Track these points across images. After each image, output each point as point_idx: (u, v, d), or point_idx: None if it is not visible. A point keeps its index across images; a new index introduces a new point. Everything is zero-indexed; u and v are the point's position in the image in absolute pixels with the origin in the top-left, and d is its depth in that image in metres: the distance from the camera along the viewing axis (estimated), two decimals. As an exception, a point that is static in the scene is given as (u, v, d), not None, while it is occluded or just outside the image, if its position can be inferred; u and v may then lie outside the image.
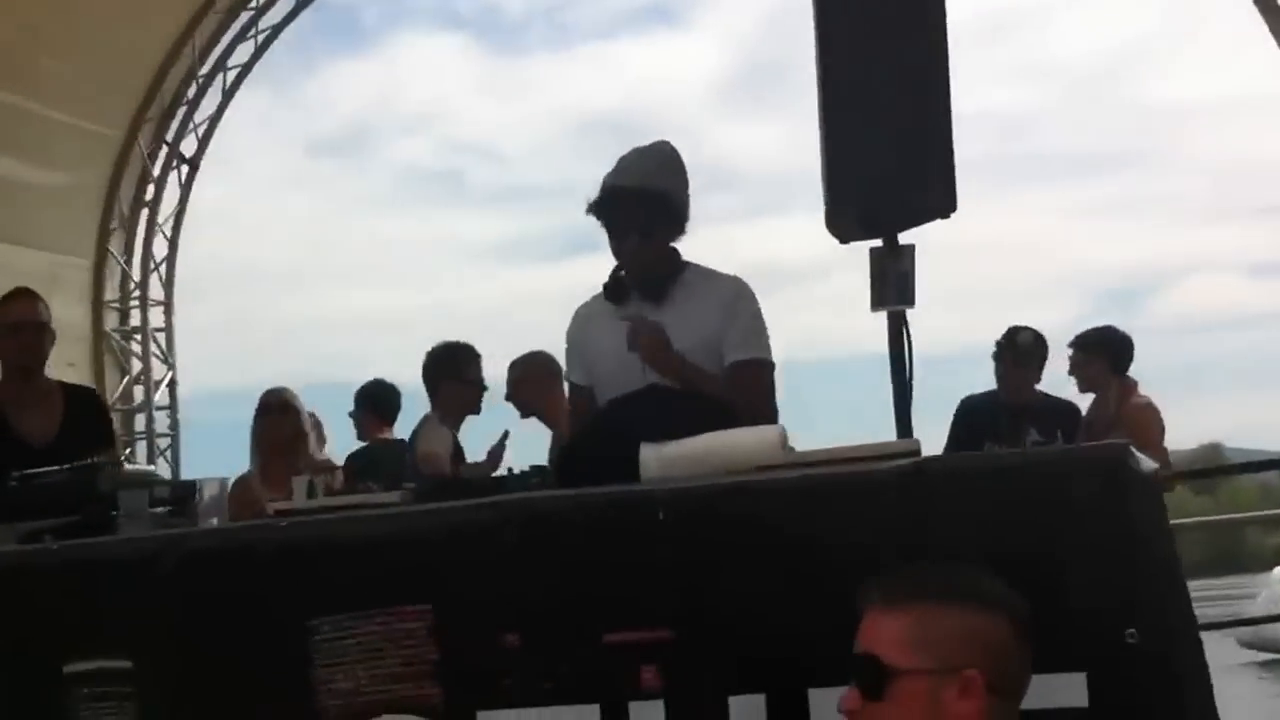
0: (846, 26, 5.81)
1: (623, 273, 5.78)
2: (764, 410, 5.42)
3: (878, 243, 5.88)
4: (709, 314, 5.64)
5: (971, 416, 9.36)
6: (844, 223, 5.90)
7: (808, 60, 5.99)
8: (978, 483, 3.62)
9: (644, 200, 5.64)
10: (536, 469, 4.66)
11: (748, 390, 5.49)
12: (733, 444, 4.08)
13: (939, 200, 5.68)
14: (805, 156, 5.97)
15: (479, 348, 8.88)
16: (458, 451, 8.51)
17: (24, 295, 7.35)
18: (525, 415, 8.56)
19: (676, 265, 5.77)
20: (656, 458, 4.07)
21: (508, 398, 8.62)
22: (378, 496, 4.35)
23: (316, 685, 3.89)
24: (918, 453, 3.92)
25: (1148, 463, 3.54)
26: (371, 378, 9.81)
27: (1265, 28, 17.44)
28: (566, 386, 6.15)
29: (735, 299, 5.70)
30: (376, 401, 9.67)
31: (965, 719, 2.98)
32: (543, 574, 3.80)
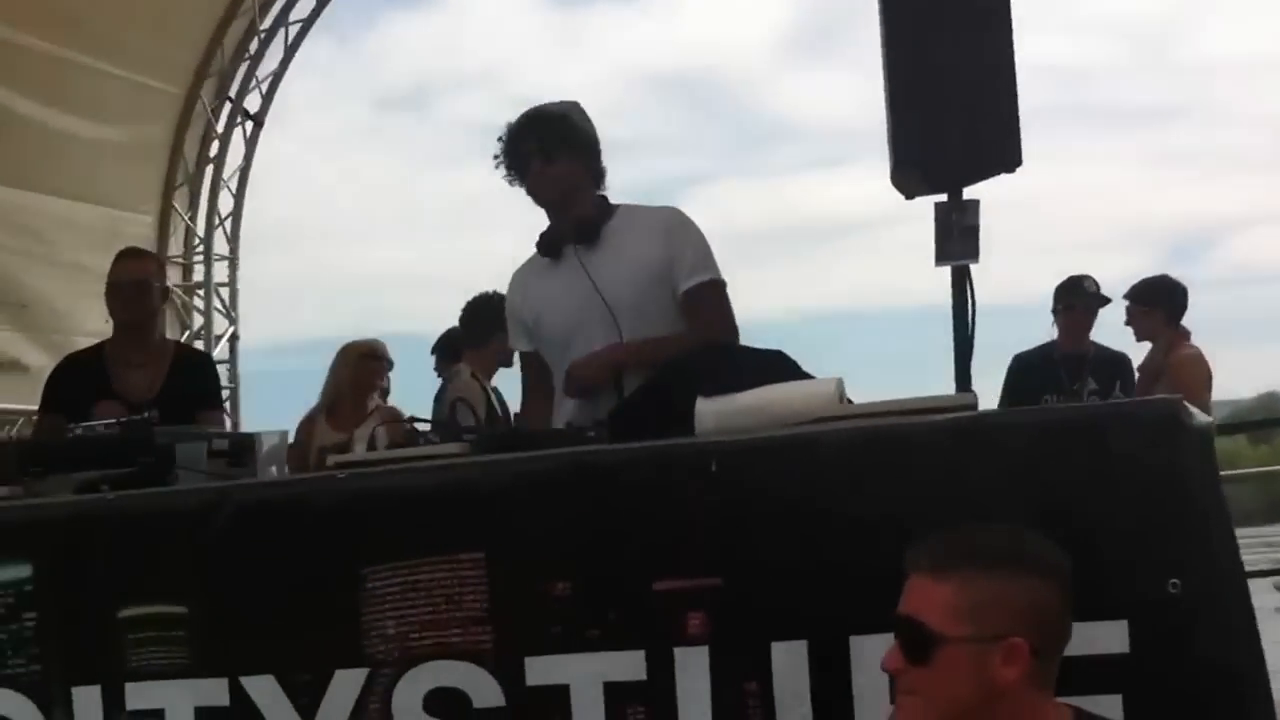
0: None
1: (549, 229, 5.82)
2: (727, 331, 5.54)
3: (942, 197, 5.89)
4: (648, 246, 5.66)
5: (1026, 371, 9.37)
6: (909, 179, 5.93)
7: (873, 11, 6.00)
8: (1028, 436, 3.64)
9: (537, 124, 5.75)
10: (596, 423, 4.70)
11: (708, 313, 5.58)
12: (788, 397, 4.09)
13: (1004, 155, 5.71)
14: (870, 109, 6.01)
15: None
16: (496, 402, 8.54)
17: (133, 254, 7.50)
18: None
19: (607, 210, 5.80)
20: (711, 411, 4.08)
21: None
22: (437, 448, 4.38)
23: (367, 631, 3.96)
24: (972, 407, 3.97)
25: (1201, 416, 3.57)
26: (444, 329, 9.82)
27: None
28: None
29: (673, 227, 5.73)
30: (444, 350, 9.72)
31: (1010, 685, 3.02)
32: (594, 524, 3.87)
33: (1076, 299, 9.33)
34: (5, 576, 4.33)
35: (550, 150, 5.70)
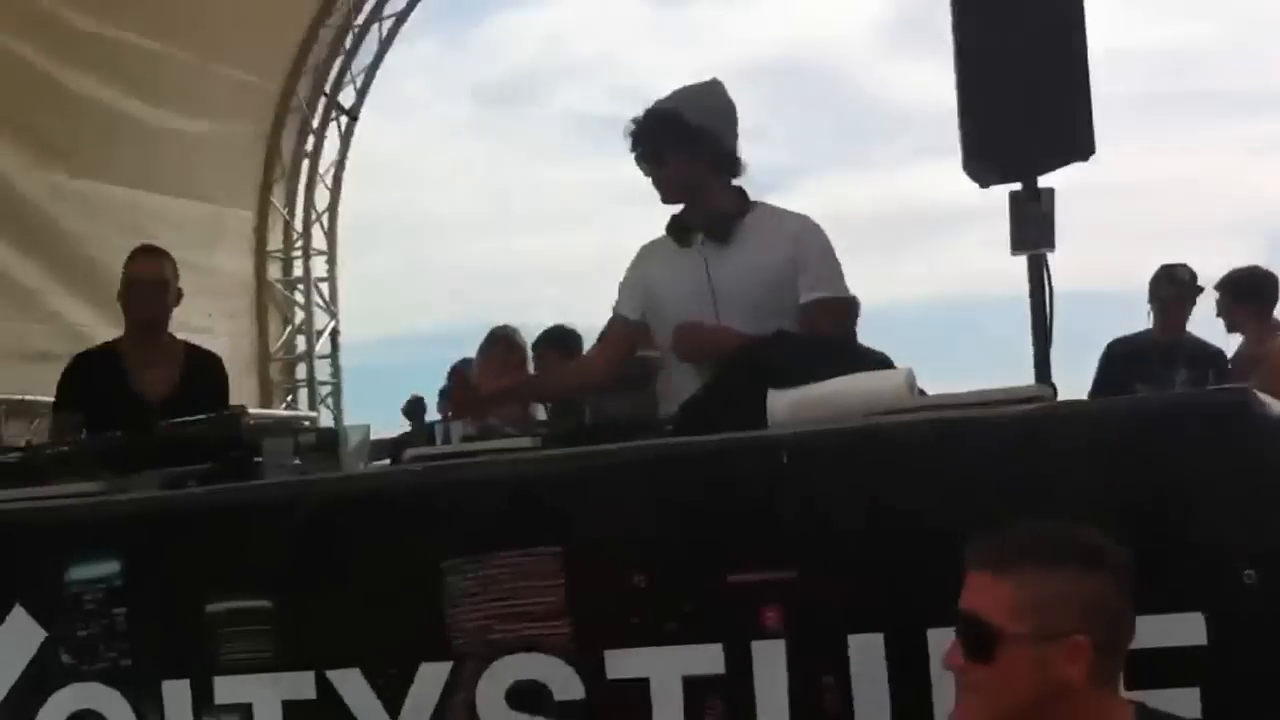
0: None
1: (684, 213, 5.78)
2: None
3: (1017, 186, 5.87)
4: (776, 254, 5.61)
5: (1121, 358, 9.29)
6: (980, 168, 5.90)
7: None
8: (1099, 427, 3.65)
9: (644, 126, 5.70)
10: (670, 416, 4.72)
11: (825, 328, 5.47)
12: (859, 388, 4.07)
13: (1077, 143, 5.67)
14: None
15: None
16: None
17: (148, 252, 7.47)
18: None
19: (742, 206, 5.73)
20: (783, 403, 4.08)
21: None
22: (509, 441, 4.41)
23: (448, 624, 3.99)
24: (1044, 398, 3.96)
25: (1275, 405, 3.54)
26: (553, 323, 9.86)
27: None
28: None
29: (803, 236, 5.66)
30: (558, 343, 9.74)
31: (1072, 683, 3.00)
32: (670, 517, 3.87)
33: (1170, 288, 9.24)
34: (95, 573, 4.37)
35: (658, 153, 5.69)
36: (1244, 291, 9.12)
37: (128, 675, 4.33)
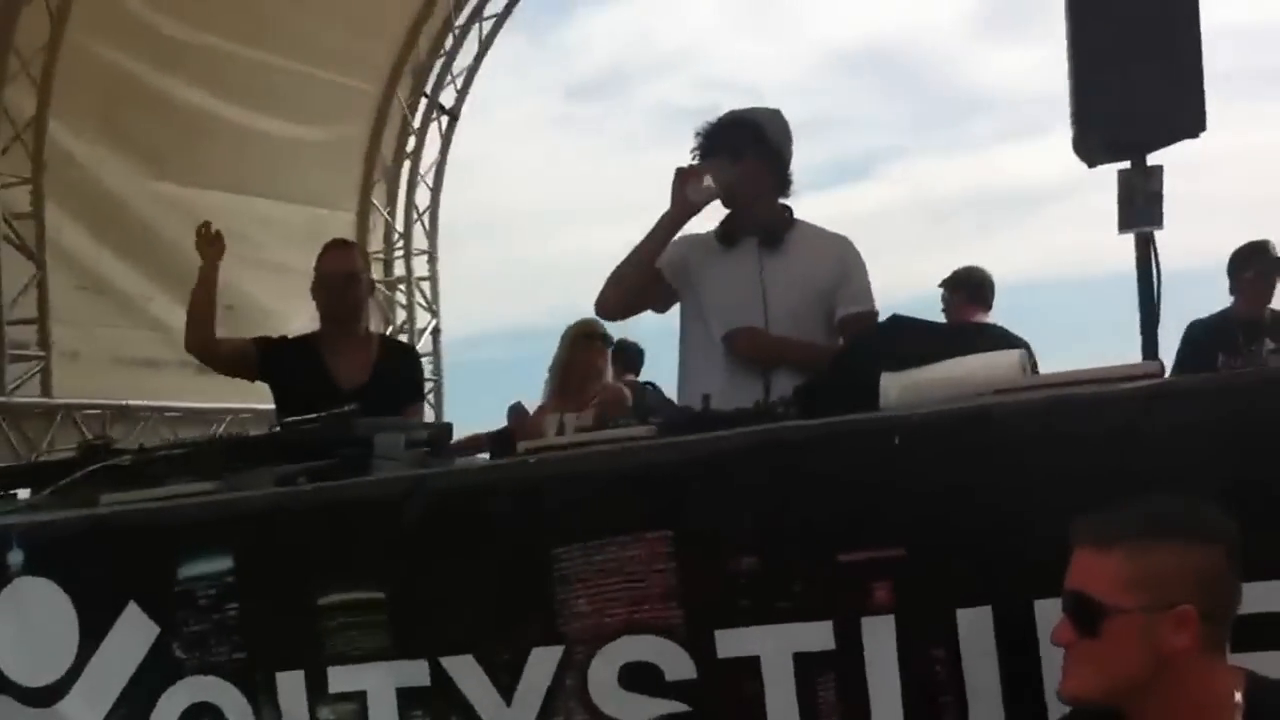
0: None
1: (732, 218, 6.11)
2: None
3: (1125, 164, 5.84)
4: (822, 268, 6.01)
5: (1201, 338, 9.21)
6: (1091, 146, 5.89)
7: None
8: (1215, 402, 3.62)
9: (730, 125, 6.07)
10: (783, 400, 4.73)
11: None
12: (972, 369, 4.08)
13: (1188, 120, 5.66)
14: (1056, 78, 6.00)
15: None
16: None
17: (338, 246, 7.67)
18: None
19: (790, 220, 6.11)
20: (896, 385, 4.10)
21: None
22: (625, 431, 4.44)
23: (560, 609, 4.03)
24: (1156, 374, 3.96)
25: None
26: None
27: None
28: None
29: (846, 255, 6.09)
30: (617, 357, 9.81)
31: (1181, 653, 3.02)
32: (779, 500, 3.89)
33: (1256, 264, 9.17)
34: (208, 569, 4.45)
35: (739, 150, 6.00)
36: None
37: (242, 668, 4.41)
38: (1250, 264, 9.18)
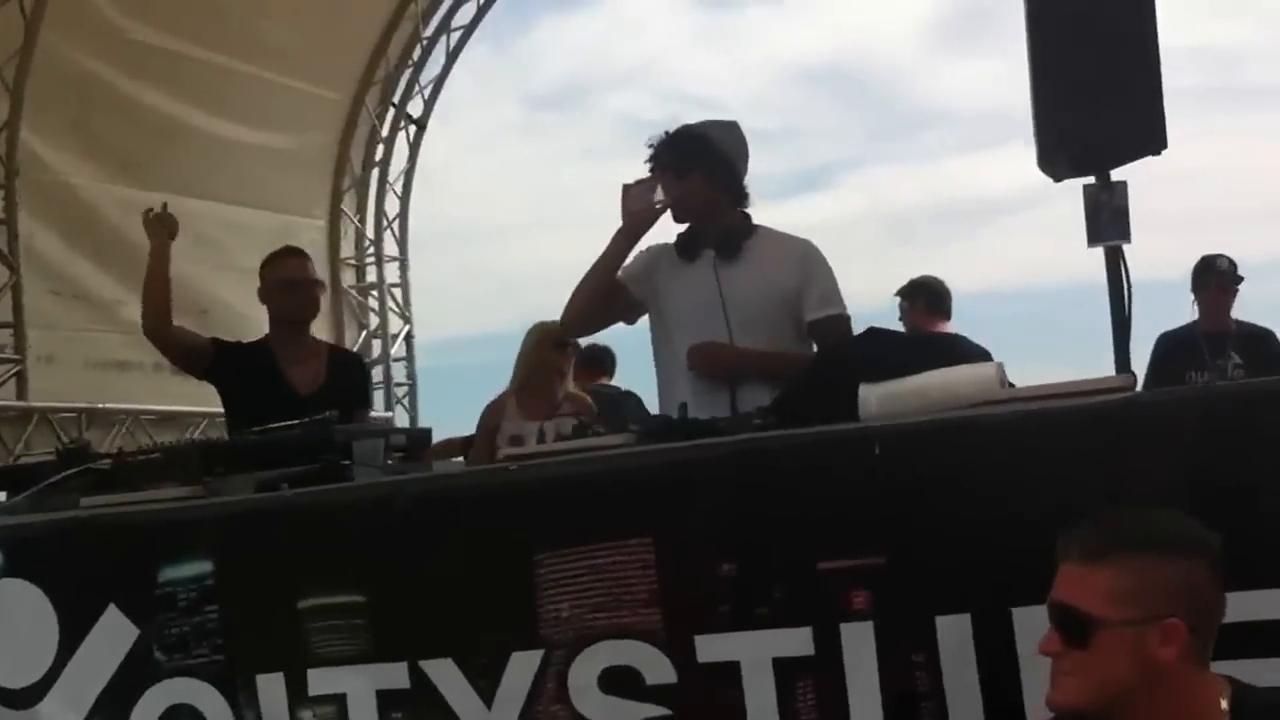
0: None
1: (690, 231, 6.04)
2: None
3: (1091, 180, 5.86)
4: (784, 274, 5.92)
5: (1171, 350, 9.31)
6: (1055, 162, 5.90)
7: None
8: (1187, 415, 3.63)
9: (710, 145, 5.98)
10: (759, 410, 4.72)
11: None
12: (951, 381, 4.08)
13: (1149, 137, 5.66)
14: (1015, 92, 6.02)
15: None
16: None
17: (296, 253, 7.64)
18: None
19: (749, 227, 6.03)
20: (875, 396, 4.09)
21: None
22: (604, 439, 4.42)
23: (541, 615, 4.02)
24: (1132, 387, 3.95)
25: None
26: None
27: None
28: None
29: (807, 259, 5.98)
30: (589, 361, 9.77)
31: (1168, 664, 3.03)
32: (759, 508, 3.89)
33: (1210, 279, 9.29)
34: (188, 572, 4.44)
35: (684, 165, 5.95)
36: None
37: (221, 670, 4.40)
38: (1207, 279, 9.26)
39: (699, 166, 5.95)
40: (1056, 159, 5.87)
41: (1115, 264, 5.81)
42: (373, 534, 4.27)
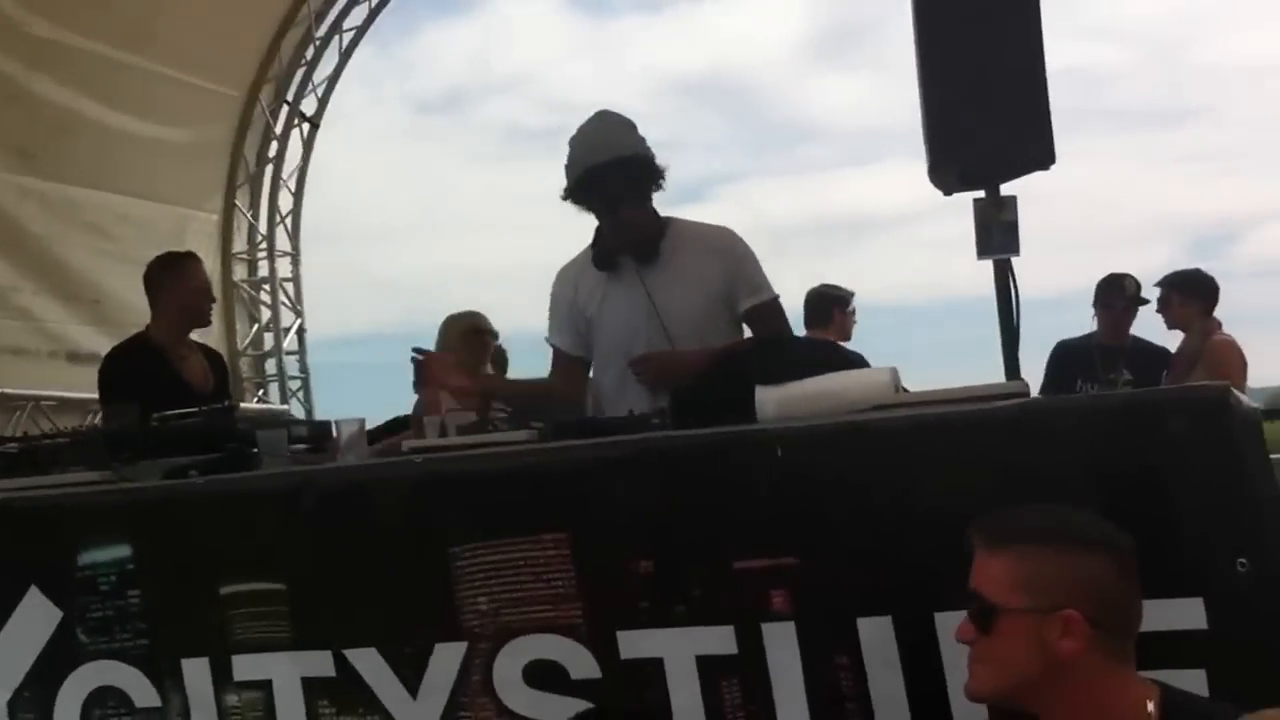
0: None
1: (603, 240, 5.81)
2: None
3: (980, 194, 5.92)
4: (706, 267, 5.69)
5: (1066, 359, 9.38)
6: (946, 176, 5.94)
7: (891, 17, 6.05)
8: (1086, 422, 3.66)
9: (622, 168, 5.61)
10: (657, 411, 4.75)
11: (776, 328, 5.69)
12: (846, 385, 4.11)
13: (1038, 153, 5.71)
14: (896, 108, 6.07)
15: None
16: None
17: (190, 257, 7.77)
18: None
19: (660, 225, 5.78)
20: (772, 399, 4.11)
21: None
22: (507, 435, 4.43)
23: (462, 607, 4.01)
24: (1025, 394, 4.02)
25: (1249, 401, 3.60)
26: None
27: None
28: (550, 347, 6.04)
29: (729, 248, 5.76)
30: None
31: (1069, 656, 3.05)
32: (669, 506, 3.89)
33: (1117, 299, 9.34)
34: (107, 556, 4.41)
35: (643, 193, 5.71)
36: (1187, 290, 9.24)
37: (146, 654, 4.37)
38: (1116, 295, 9.31)
39: (628, 195, 5.65)
40: (947, 173, 5.90)
41: (1004, 276, 5.86)
42: (288, 523, 4.25)
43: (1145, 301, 9.41)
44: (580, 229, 5.87)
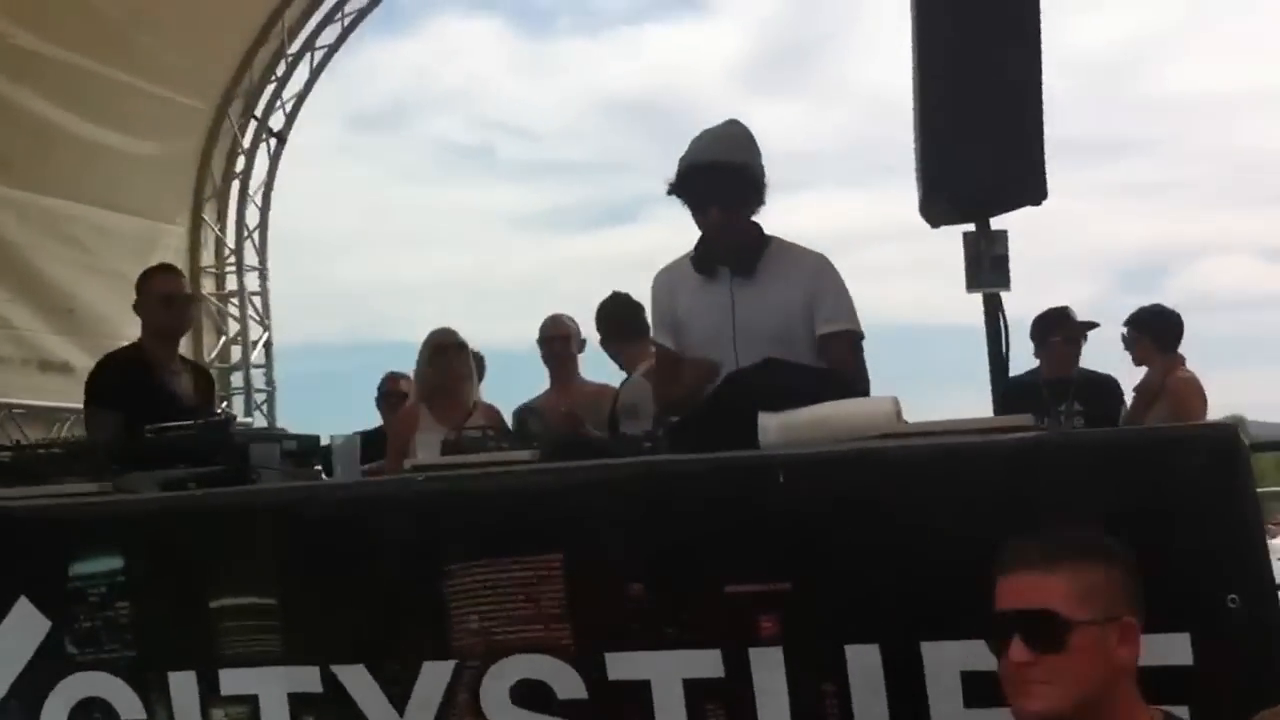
0: (941, 21, 5.81)
1: (707, 245, 5.72)
2: (857, 377, 5.43)
3: (970, 227, 5.87)
4: (793, 290, 5.60)
5: (1016, 396, 9.30)
6: (937, 208, 5.91)
7: (826, 42, 6.08)
8: (1092, 456, 3.66)
9: (720, 172, 5.59)
10: (648, 433, 4.70)
11: (840, 361, 5.48)
12: (848, 413, 4.09)
13: (1030, 187, 5.67)
14: (826, 136, 6.02)
15: (522, 311, 8.79)
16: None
17: (175, 270, 7.71)
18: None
19: (763, 239, 5.72)
20: (775, 425, 4.08)
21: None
22: (509, 455, 4.38)
23: (453, 626, 3.99)
24: (1033, 428, 3.97)
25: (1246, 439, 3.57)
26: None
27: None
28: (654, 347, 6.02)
29: (820, 274, 5.66)
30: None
31: (1125, 664, 3.05)
32: (666, 529, 3.88)
33: (1062, 332, 9.28)
34: (98, 567, 4.37)
35: (731, 202, 5.63)
36: (1151, 327, 9.21)
37: (133, 666, 4.33)
38: (1057, 330, 9.26)
39: (740, 199, 5.63)
40: (938, 206, 5.87)
41: (994, 309, 5.82)
42: (283, 539, 4.22)
43: (1092, 326, 9.41)
44: (516, 250, 5.79)
